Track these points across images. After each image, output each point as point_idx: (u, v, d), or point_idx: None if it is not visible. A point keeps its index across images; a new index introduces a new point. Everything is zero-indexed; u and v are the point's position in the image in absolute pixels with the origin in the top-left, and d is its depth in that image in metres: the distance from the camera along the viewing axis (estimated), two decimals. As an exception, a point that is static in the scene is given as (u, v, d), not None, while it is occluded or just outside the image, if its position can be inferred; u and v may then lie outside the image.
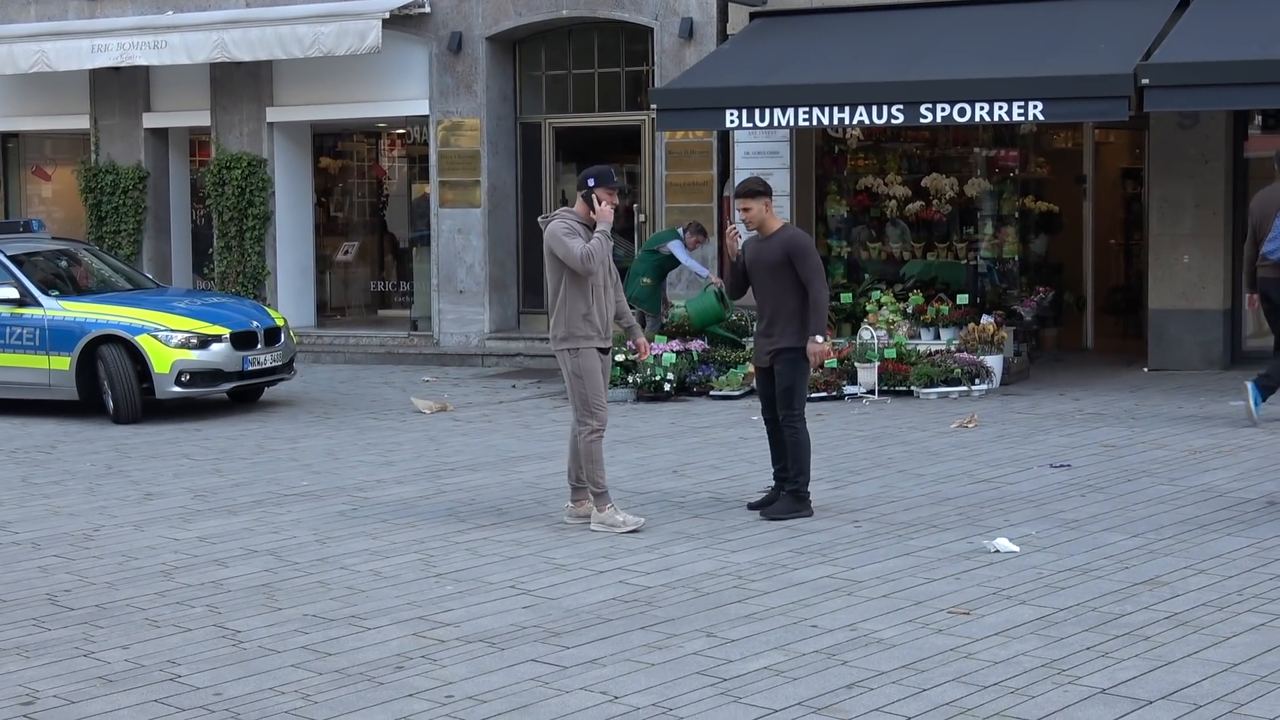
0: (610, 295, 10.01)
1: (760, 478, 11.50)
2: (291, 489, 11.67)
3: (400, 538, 9.82)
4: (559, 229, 9.83)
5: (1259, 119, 17.75)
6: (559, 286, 9.92)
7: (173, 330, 15.60)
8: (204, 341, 15.63)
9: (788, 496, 10.09)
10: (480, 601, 8.18)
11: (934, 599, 7.97)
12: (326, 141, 23.82)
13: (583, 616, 7.82)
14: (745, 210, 10.00)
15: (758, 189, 10.06)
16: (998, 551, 8.92)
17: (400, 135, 23.79)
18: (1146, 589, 8.06)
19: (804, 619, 7.66)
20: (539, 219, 10.21)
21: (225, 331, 15.80)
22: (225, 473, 12.51)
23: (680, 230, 17.73)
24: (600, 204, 9.81)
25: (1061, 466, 11.66)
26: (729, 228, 10.17)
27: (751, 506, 10.36)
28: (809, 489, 10.16)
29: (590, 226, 9.88)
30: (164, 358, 15.44)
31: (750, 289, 10.22)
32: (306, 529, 10.18)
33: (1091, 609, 7.70)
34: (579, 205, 9.95)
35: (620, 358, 16.16)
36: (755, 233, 10.14)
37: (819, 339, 9.92)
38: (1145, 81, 14.92)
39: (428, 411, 15.75)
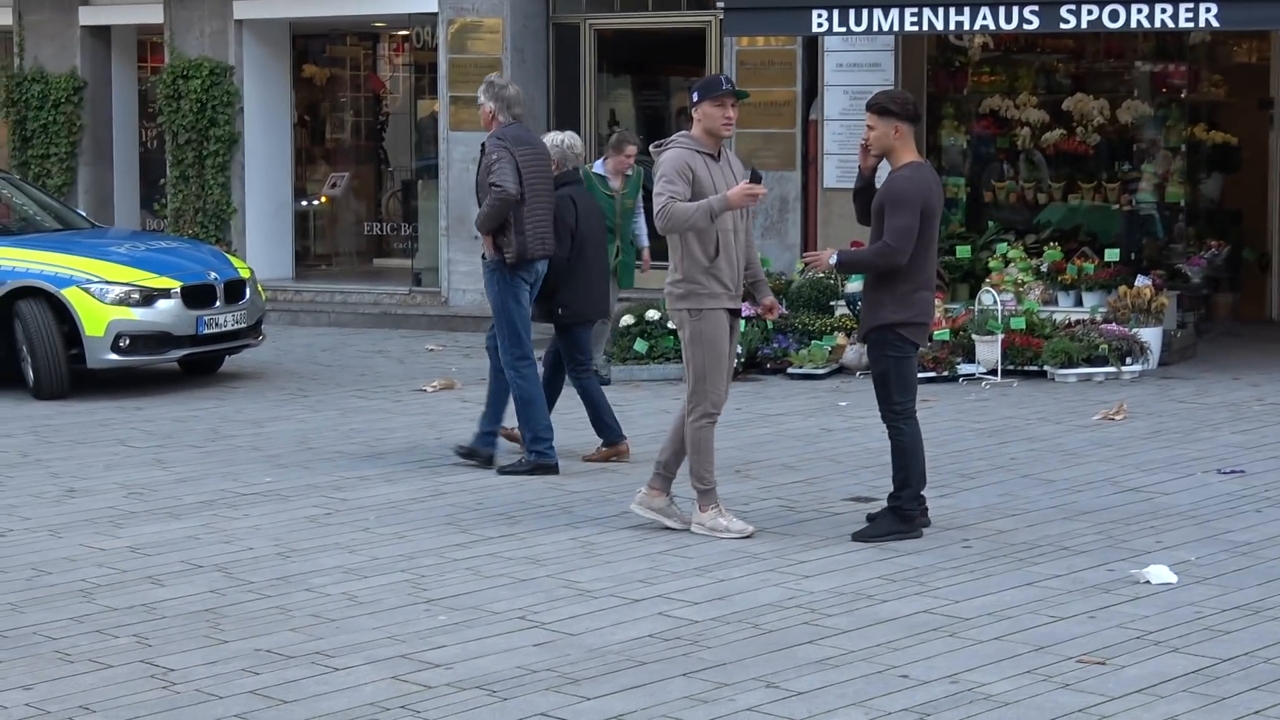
0: (741, 240, 10.06)
1: (846, 480, 11.42)
2: (251, 486, 11.63)
3: (384, 552, 9.76)
4: (667, 167, 9.87)
5: None
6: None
7: (109, 282, 15.59)
8: (148, 297, 15.62)
9: (888, 513, 10.00)
10: (480, 636, 8.10)
11: (1060, 644, 7.87)
12: (311, 46, 23.83)
13: (609, 658, 7.74)
14: (869, 128, 9.91)
15: (887, 106, 9.88)
16: (1149, 583, 8.82)
17: (403, 38, 23.77)
18: (1336, 635, 7.96)
19: (892, 667, 7.57)
20: (651, 148, 10.28)
21: (175, 285, 15.78)
22: (169, 464, 12.47)
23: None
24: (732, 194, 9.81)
25: (1233, 473, 11.54)
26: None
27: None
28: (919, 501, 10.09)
29: (715, 155, 9.97)
30: (98, 317, 15.43)
31: None
32: (266, 538, 10.13)
33: (1263, 659, 7.59)
34: (694, 128, 10.05)
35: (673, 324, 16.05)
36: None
37: (832, 258, 9.97)
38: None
39: (430, 390, 15.70)
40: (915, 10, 16.12)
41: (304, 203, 23.65)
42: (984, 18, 15.99)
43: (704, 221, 9.76)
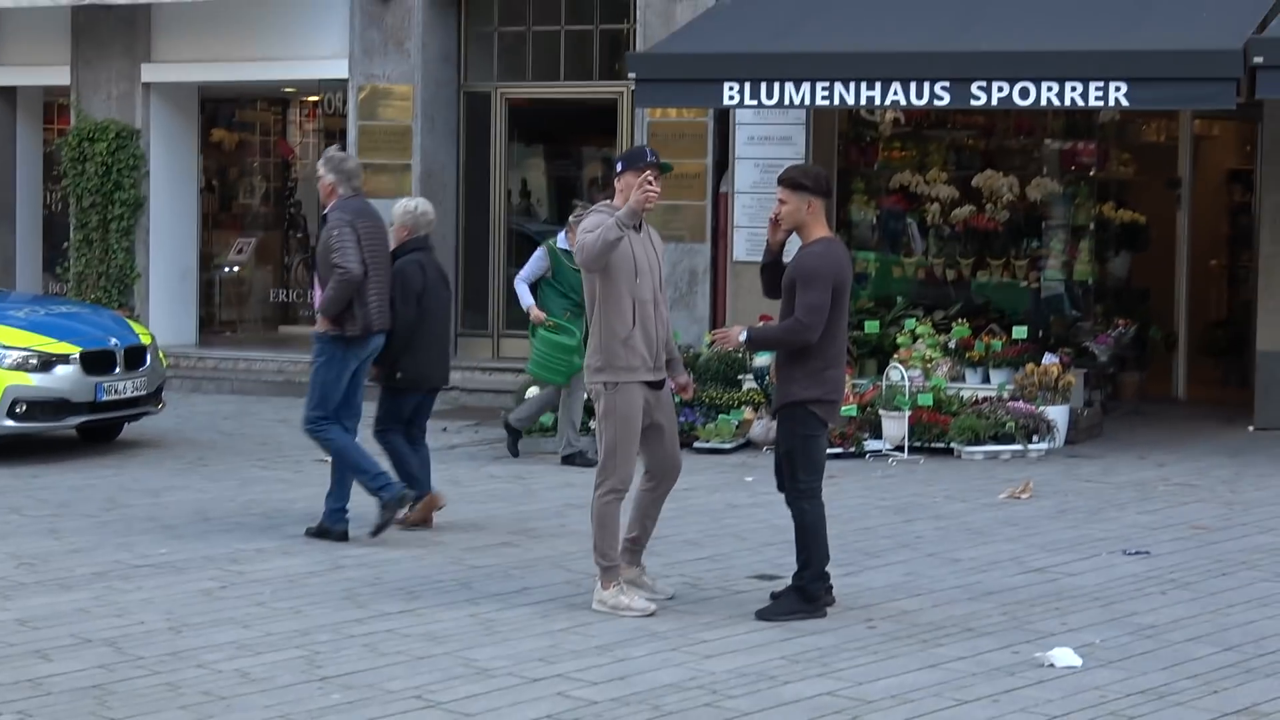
0: (660, 313, 10.05)
1: (751, 558, 11.35)
2: (145, 558, 11.46)
3: (279, 627, 9.62)
4: (590, 223, 9.88)
5: (1403, 111, 17.64)
6: (593, 301, 9.99)
7: (7, 347, 15.45)
8: (46, 362, 15.48)
9: (792, 592, 9.91)
10: (374, 716, 7.97)
11: (964, 728, 7.78)
12: (220, 110, 23.69)
13: (506, 740, 7.62)
14: (781, 203, 9.84)
15: (800, 181, 9.88)
16: (1053, 666, 8.76)
17: (314, 104, 23.67)
18: (1241, 721, 7.91)
19: (793, 751, 7.46)
20: (571, 217, 10.22)
21: (74, 350, 15.64)
22: (62, 534, 12.31)
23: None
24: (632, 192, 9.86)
25: (1138, 554, 11.52)
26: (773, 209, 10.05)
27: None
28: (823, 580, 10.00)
29: (636, 227, 9.97)
30: (-7, 382, 15.25)
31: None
32: (159, 611, 9.97)
33: (1168, 747, 7.52)
34: (617, 198, 10.04)
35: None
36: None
37: (742, 335, 9.92)
38: (1258, 60, 14.81)
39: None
40: (826, 84, 16.08)
41: (225, 269, 23.48)
42: (895, 93, 15.97)
43: (614, 233, 9.68)
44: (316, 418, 11.98)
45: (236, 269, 23.86)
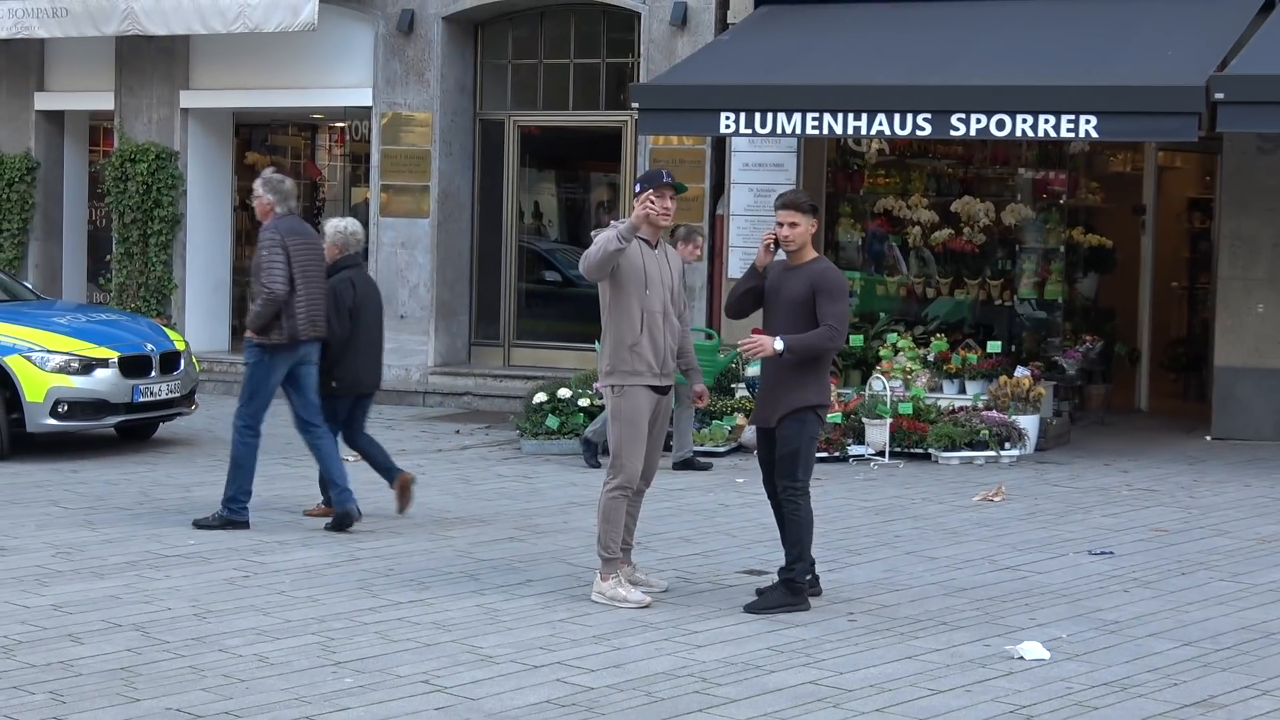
0: (671, 324, 9.90)
1: (740, 554, 11.21)
2: (174, 548, 11.34)
3: (297, 615, 9.49)
4: (598, 237, 9.77)
5: (1353, 145, 17.52)
6: (605, 309, 9.89)
7: (50, 351, 15.32)
8: (87, 366, 15.37)
9: (780, 586, 9.77)
10: (383, 699, 7.84)
11: (938, 717, 7.65)
12: (254, 134, 23.59)
13: (507, 723, 7.46)
14: (792, 225, 9.72)
15: (813, 204, 9.90)
16: (1022, 658, 8.64)
17: (340, 129, 23.57)
18: (1198, 712, 7.76)
19: (777, 736, 7.31)
20: (591, 233, 10.13)
21: (113, 355, 15.54)
22: (98, 525, 12.19)
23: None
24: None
25: (1102, 554, 11.40)
26: (767, 232, 9.90)
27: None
28: (808, 575, 9.89)
29: (652, 244, 9.88)
30: (38, 383, 15.14)
31: (763, 321, 9.97)
32: (185, 599, 9.85)
33: (1130, 736, 7.37)
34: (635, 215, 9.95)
35: (584, 402, 15.89)
36: (785, 257, 9.90)
37: (778, 344, 9.61)
38: (1219, 96, 14.68)
39: (351, 460, 15.36)
40: (816, 115, 15.99)
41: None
42: (880, 123, 15.87)
43: (614, 245, 9.56)
44: (245, 414, 12.12)
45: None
